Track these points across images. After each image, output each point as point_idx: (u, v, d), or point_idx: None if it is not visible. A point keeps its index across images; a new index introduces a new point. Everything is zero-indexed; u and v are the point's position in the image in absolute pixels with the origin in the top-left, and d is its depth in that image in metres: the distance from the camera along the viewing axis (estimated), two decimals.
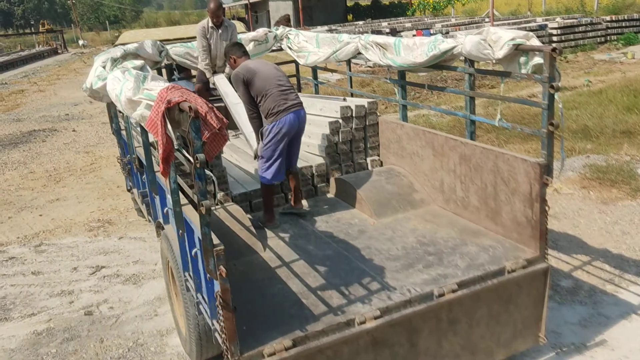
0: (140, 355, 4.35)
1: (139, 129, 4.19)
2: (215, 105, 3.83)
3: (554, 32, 18.30)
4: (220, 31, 6.26)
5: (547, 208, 3.61)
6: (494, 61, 4.18)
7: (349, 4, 46.31)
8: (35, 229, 7.28)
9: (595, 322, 4.29)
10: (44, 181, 9.49)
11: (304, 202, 5.05)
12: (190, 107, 2.55)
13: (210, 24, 6.23)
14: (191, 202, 3.27)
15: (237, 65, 4.63)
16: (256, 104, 4.55)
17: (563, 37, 18.27)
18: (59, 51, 49.53)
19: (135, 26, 62.18)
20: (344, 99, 5.67)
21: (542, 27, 18.34)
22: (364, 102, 5.44)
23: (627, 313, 4.36)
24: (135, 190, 6.02)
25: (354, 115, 5.34)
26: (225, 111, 5.53)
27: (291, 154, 4.74)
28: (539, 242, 3.63)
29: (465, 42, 4.17)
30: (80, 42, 54.60)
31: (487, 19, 23.01)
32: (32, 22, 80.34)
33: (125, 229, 7.01)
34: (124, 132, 5.70)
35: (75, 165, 10.35)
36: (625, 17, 20.27)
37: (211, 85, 6.42)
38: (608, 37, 19.50)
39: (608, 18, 20.10)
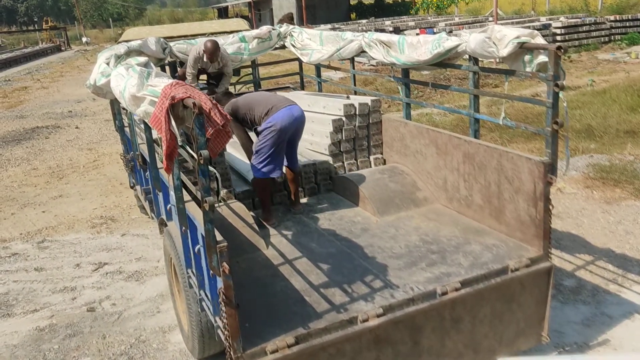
0: (143, 352, 4.35)
1: (142, 125, 4.19)
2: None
3: (558, 31, 18.25)
4: (214, 63, 6.19)
5: (550, 207, 3.60)
6: (498, 59, 4.17)
7: (352, 2, 46.27)
8: (38, 225, 7.29)
9: (598, 322, 4.28)
10: (47, 178, 9.51)
11: (303, 200, 5.06)
12: (194, 104, 2.55)
13: (205, 58, 6.10)
14: (194, 198, 3.27)
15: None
16: (247, 130, 4.70)
17: (567, 37, 18.21)
18: (62, 48, 49.59)
19: (138, 24, 62.17)
20: (348, 97, 5.67)
21: (546, 27, 18.29)
22: (367, 100, 5.43)
23: (630, 313, 4.36)
24: (138, 187, 6.02)
25: (357, 113, 5.34)
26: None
27: (289, 154, 4.75)
28: (542, 241, 3.62)
29: (470, 40, 4.16)
30: (84, 39, 54.64)
31: (490, 18, 22.96)
32: (35, 19, 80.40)
33: (128, 225, 7.01)
34: (127, 129, 5.70)
35: (78, 162, 10.37)
36: (630, 17, 20.18)
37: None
38: (612, 36, 19.42)
39: (612, 18, 20.02)
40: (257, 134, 4.60)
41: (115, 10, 77.30)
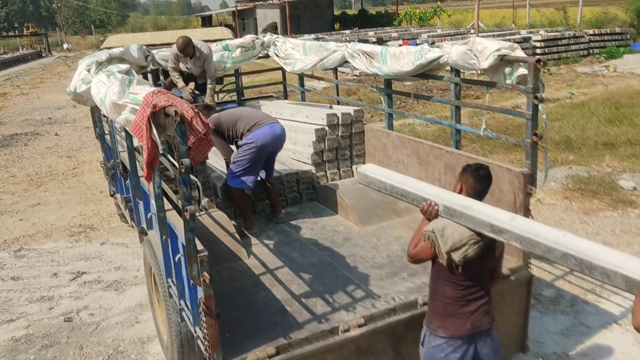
0: None
1: (123, 133, 4.15)
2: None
3: (538, 44, 18.54)
4: (192, 60, 6.28)
5: (530, 218, 3.63)
6: (479, 71, 4.21)
7: (336, 12, 46.57)
8: (15, 233, 7.17)
9: (576, 332, 4.32)
10: (25, 185, 9.36)
11: (283, 212, 5.05)
12: (176, 112, 2.53)
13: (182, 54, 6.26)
14: (175, 207, 3.24)
15: None
16: (230, 142, 4.73)
17: (546, 50, 18.50)
18: (43, 54, 48.99)
19: (121, 30, 61.76)
20: (330, 107, 5.68)
21: (526, 40, 18.57)
22: (350, 110, 5.45)
23: (608, 323, 4.40)
24: (118, 196, 5.96)
25: (340, 122, 5.35)
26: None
27: (268, 168, 4.82)
28: (522, 251, 3.65)
29: (452, 51, 4.20)
30: (65, 45, 54.06)
31: (472, 31, 23.25)
32: (16, 25, 79.44)
33: (108, 234, 6.93)
34: (108, 137, 5.64)
35: (57, 170, 10.23)
36: (608, 31, 20.60)
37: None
38: (591, 50, 19.79)
39: (591, 32, 20.40)
40: (238, 147, 4.64)
41: (97, 17, 76.74)
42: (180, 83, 6.34)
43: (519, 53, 3.91)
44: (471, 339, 2.81)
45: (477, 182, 2.85)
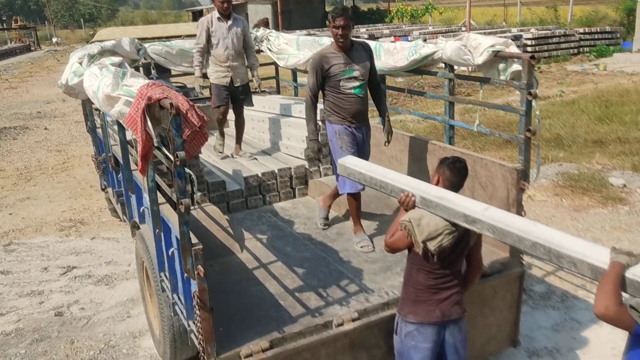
0: (112, 357, 4.27)
1: (115, 126, 4.12)
2: None
3: (529, 42, 18.62)
4: (230, 22, 5.55)
5: (523, 213, 3.66)
6: (473, 67, 4.22)
7: (328, 9, 46.46)
8: (4, 228, 7.11)
9: (567, 327, 4.36)
10: (14, 179, 9.28)
11: (278, 204, 5.01)
12: (171, 104, 2.51)
13: (217, 15, 5.55)
14: (169, 200, 3.23)
15: None
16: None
17: (537, 48, 18.58)
18: (32, 48, 48.51)
19: (111, 24, 61.14)
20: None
21: (517, 38, 18.62)
22: None
23: (597, 318, 4.43)
24: (109, 190, 5.92)
25: None
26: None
27: None
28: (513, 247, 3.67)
29: (446, 47, 4.21)
30: (54, 39, 53.55)
31: (463, 28, 23.30)
32: (4, 18, 78.36)
33: (98, 229, 6.88)
34: (99, 130, 5.60)
35: (46, 164, 10.15)
36: (598, 30, 20.75)
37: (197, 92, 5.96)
38: (581, 48, 19.92)
39: (581, 30, 20.53)
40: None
41: (87, 11, 76.04)
42: (197, 72, 5.71)
43: (513, 49, 3.93)
44: (441, 327, 2.90)
45: (454, 174, 2.93)
